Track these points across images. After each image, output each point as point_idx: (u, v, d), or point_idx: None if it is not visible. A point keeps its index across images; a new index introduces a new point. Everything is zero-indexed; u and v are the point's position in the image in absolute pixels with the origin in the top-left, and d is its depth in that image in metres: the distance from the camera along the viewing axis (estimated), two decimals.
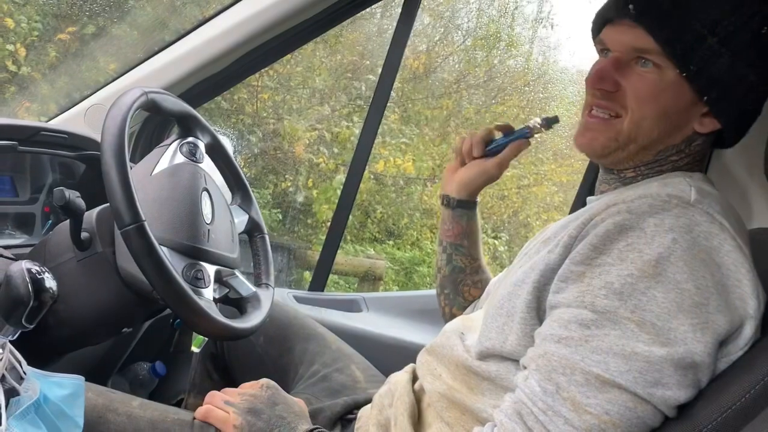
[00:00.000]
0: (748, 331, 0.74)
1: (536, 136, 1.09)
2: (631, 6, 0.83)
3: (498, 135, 1.13)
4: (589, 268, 0.75)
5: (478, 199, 1.18)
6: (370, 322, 1.62)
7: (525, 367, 0.79)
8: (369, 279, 4.29)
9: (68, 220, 1.06)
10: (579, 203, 1.69)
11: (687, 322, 0.71)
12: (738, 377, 0.72)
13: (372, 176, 4.76)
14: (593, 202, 0.90)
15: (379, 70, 1.78)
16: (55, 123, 1.54)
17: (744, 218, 1.27)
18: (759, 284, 0.76)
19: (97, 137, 1.48)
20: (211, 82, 1.60)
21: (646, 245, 0.73)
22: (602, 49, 0.90)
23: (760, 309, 0.75)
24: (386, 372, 1.24)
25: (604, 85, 0.86)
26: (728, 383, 0.72)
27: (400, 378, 1.02)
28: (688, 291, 0.71)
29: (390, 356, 1.36)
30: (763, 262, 0.85)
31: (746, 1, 0.81)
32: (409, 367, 1.04)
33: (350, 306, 1.71)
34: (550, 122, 1.06)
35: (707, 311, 0.72)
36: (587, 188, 1.65)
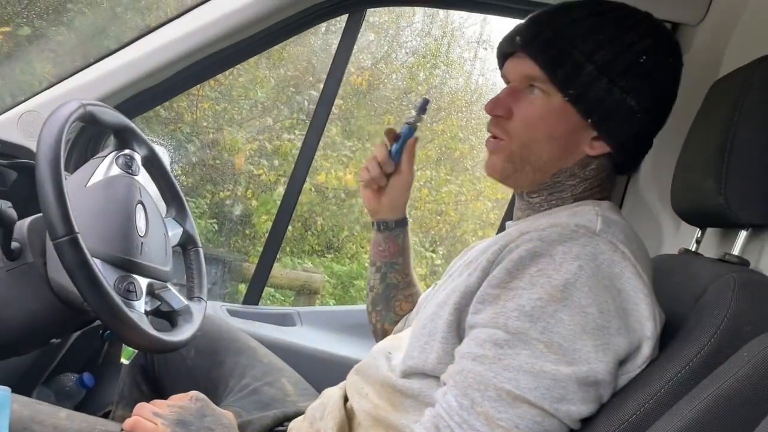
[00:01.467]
0: (646, 350, 0.81)
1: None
2: (518, 38, 0.93)
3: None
4: (503, 291, 0.81)
5: (411, 212, 1.23)
6: (303, 337, 1.64)
7: (444, 383, 0.83)
8: (305, 293, 4.29)
9: None
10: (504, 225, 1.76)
11: (590, 343, 0.77)
12: (635, 393, 0.79)
13: (313, 188, 4.77)
14: (510, 228, 0.96)
15: (322, 86, 1.82)
16: None
17: (655, 245, 1.38)
18: (656, 307, 0.83)
19: (30, 145, 1.47)
20: (150, 93, 1.60)
21: (555, 271, 0.79)
22: (506, 81, 0.98)
23: (656, 330, 0.82)
24: (318, 386, 1.26)
25: (496, 111, 0.94)
26: (626, 398, 0.79)
27: (333, 393, 1.05)
28: (592, 314, 0.77)
29: (322, 370, 1.39)
30: (666, 287, 0.93)
31: (624, 34, 0.90)
32: (342, 384, 1.07)
33: (284, 320, 1.73)
34: (422, 108, 1.11)
35: (609, 333, 0.78)
36: (512, 211, 1.72)
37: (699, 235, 1.09)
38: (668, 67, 0.92)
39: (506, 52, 0.96)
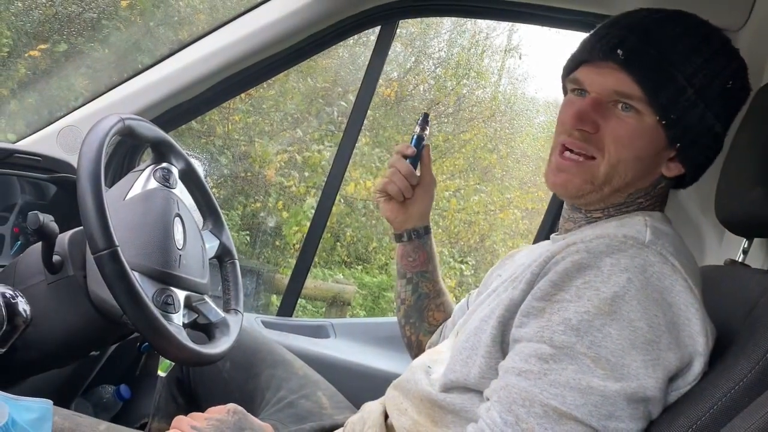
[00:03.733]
0: (697, 367, 0.79)
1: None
2: (620, 51, 0.86)
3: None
4: (548, 304, 0.79)
5: (441, 221, 1.22)
6: (337, 349, 1.63)
7: (488, 399, 0.81)
8: (337, 304, 4.29)
9: (40, 243, 1.07)
10: (543, 233, 1.74)
11: (639, 358, 0.75)
12: (687, 409, 0.76)
13: (342, 199, 4.78)
14: (558, 241, 0.94)
15: (351, 96, 1.82)
16: (27, 143, 1.54)
17: (697, 255, 1.34)
18: (708, 322, 0.80)
19: (69, 159, 1.49)
20: (186, 107, 1.62)
21: (603, 284, 0.76)
22: (576, 88, 0.92)
23: (708, 346, 0.79)
24: (353, 399, 1.25)
25: (584, 126, 0.88)
26: (677, 415, 0.77)
27: (373, 408, 1.03)
28: (641, 329, 0.75)
29: (357, 383, 1.38)
30: (713, 299, 0.90)
31: (717, 56, 0.87)
32: (382, 399, 1.05)
33: (318, 332, 1.72)
34: (424, 122, 1.17)
35: (659, 348, 0.76)
36: (551, 219, 1.70)
37: (746, 246, 1.06)
38: (746, 92, 0.91)
39: (589, 59, 0.90)
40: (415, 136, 1.17)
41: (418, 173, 1.17)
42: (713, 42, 0.88)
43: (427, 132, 1.17)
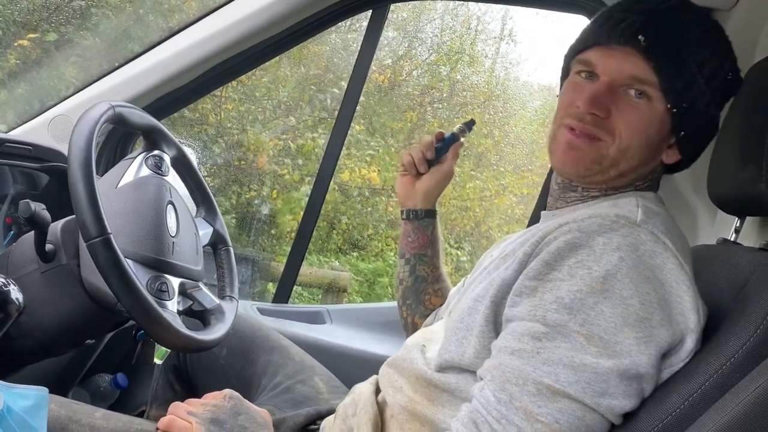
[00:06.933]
0: (689, 343, 0.79)
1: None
2: (641, 37, 0.86)
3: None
4: (541, 283, 0.79)
5: (438, 208, 1.24)
6: (333, 334, 1.64)
7: (481, 378, 0.82)
8: (333, 291, 4.30)
9: (32, 232, 1.06)
10: (536, 217, 1.74)
11: (632, 335, 0.75)
12: (678, 386, 0.77)
13: (337, 187, 4.77)
14: (547, 218, 0.94)
15: (343, 83, 1.82)
16: (19, 133, 1.53)
17: (690, 235, 1.35)
18: (699, 299, 0.81)
19: (61, 148, 1.49)
20: (177, 95, 1.61)
21: (595, 263, 0.77)
22: (584, 70, 0.91)
23: (700, 323, 0.80)
24: (349, 383, 1.26)
25: (599, 111, 0.87)
26: (670, 392, 0.77)
27: (363, 389, 1.04)
28: (633, 306, 0.76)
29: (353, 368, 1.39)
30: (705, 277, 0.91)
31: (722, 45, 0.89)
32: (372, 379, 1.06)
33: (314, 318, 1.73)
34: (469, 126, 1.21)
35: (651, 325, 0.76)
36: (543, 204, 1.70)
37: (738, 224, 1.06)
38: (740, 83, 0.91)
39: (604, 42, 0.89)
40: (452, 133, 1.20)
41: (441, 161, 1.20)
42: (717, 32, 0.89)
43: (466, 134, 1.21)
